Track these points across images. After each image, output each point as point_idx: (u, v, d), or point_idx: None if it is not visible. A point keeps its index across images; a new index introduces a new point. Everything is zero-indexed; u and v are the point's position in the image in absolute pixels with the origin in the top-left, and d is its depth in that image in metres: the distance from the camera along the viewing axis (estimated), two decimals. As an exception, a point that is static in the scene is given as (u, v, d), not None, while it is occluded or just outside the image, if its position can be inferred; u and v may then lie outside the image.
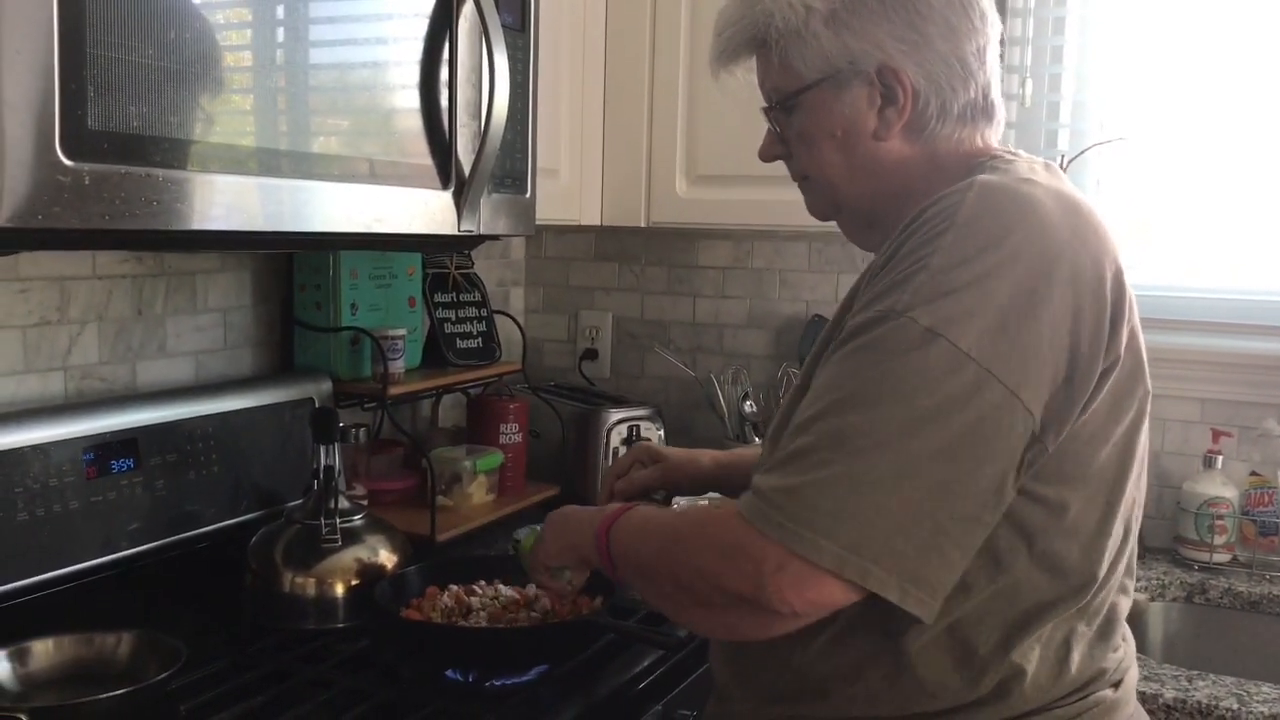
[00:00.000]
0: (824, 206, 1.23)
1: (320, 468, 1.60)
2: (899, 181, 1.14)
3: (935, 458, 0.94)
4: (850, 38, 1.10)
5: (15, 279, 1.50)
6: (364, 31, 1.36)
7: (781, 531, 0.95)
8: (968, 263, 0.97)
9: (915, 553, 0.94)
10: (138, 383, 1.68)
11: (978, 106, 1.14)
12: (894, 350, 0.96)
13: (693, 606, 1.07)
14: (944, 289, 0.96)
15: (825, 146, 1.16)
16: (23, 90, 0.94)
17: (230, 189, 1.15)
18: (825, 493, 0.95)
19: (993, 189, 1.03)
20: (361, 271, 1.93)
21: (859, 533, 0.94)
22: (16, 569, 1.40)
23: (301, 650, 1.49)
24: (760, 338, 2.44)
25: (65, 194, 0.98)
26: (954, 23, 1.11)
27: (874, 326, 0.98)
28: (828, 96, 1.13)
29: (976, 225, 0.99)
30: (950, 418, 0.94)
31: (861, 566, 0.94)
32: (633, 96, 2.13)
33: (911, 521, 0.94)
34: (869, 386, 0.96)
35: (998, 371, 0.94)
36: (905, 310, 0.96)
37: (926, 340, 0.95)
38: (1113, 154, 2.15)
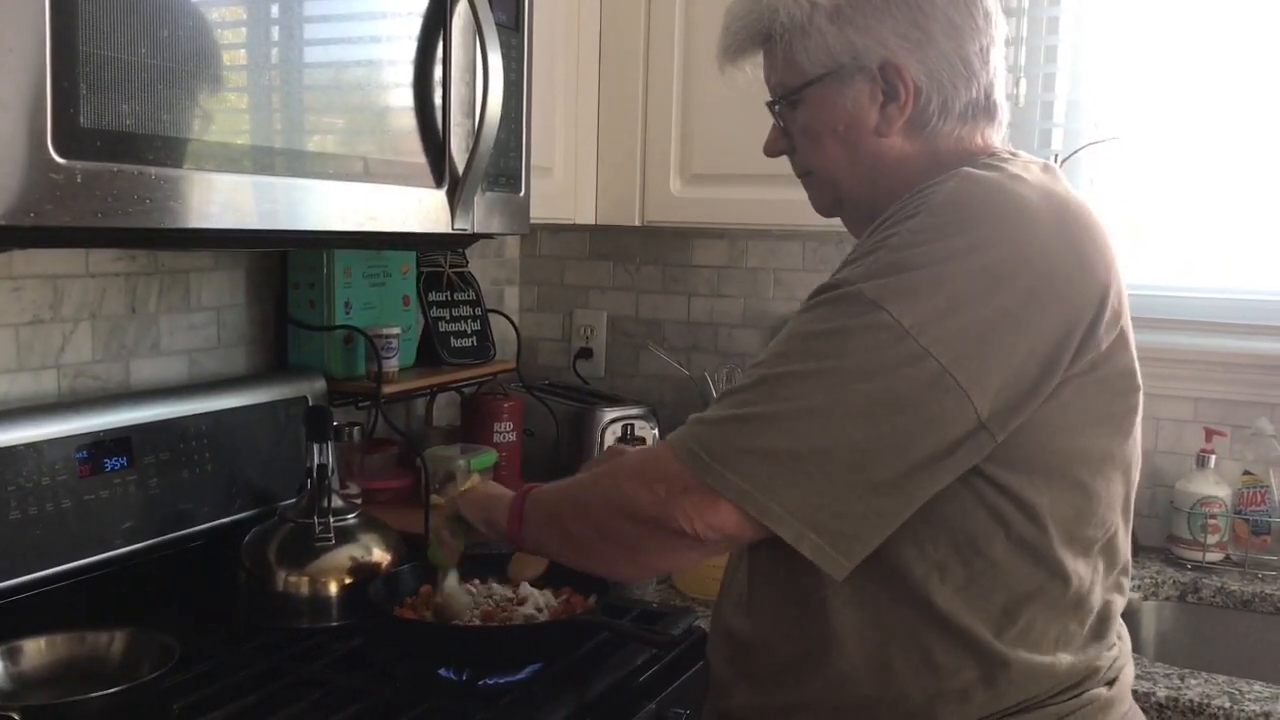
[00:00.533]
0: (827, 202, 1.24)
1: (314, 466, 1.60)
2: (900, 178, 1.15)
3: (854, 416, 0.98)
4: (854, 33, 1.12)
5: (8, 277, 1.49)
6: (358, 30, 1.36)
7: (693, 459, 1.02)
8: (929, 244, 1.00)
9: (819, 501, 0.98)
10: (131, 381, 1.68)
11: (979, 106, 1.15)
12: (837, 314, 1.01)
13: (603, 543, 1.12)
14: (898, 266, 1.00)
15: (828, 141, 1.18)
16: (15, 88, 0.94)
17: (223, 187, 1.15)
18: (743, 430, 1.00)
19: (975, 180, 1.05)
20: (355, 270, 1.93)
21: (765, 472, 0.99)
22: (9, 567, 1.39)
23: (295, 649, 1.48)
24: (755, 337, 2.44)
25: (58, 192, 0.98)
26: (958, 22, 1.12)
27: (825, 293, 1.04)
28: (831, 92, 1.15)
29: (946, 211, 1.02)
30: (874, 382, 0.97)
31: (761, 504, 0.99)
32: (627, 95, 2.13)
33: (820, 471, 0.98)
34: (806, 344, 1.02)
35: (935, 351, 0.97)
36: (857, 281, 1.01)
37: (868, 310, 0.99)
38: (1107, 153, 2.15)
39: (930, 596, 1.06)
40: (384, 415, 1.97)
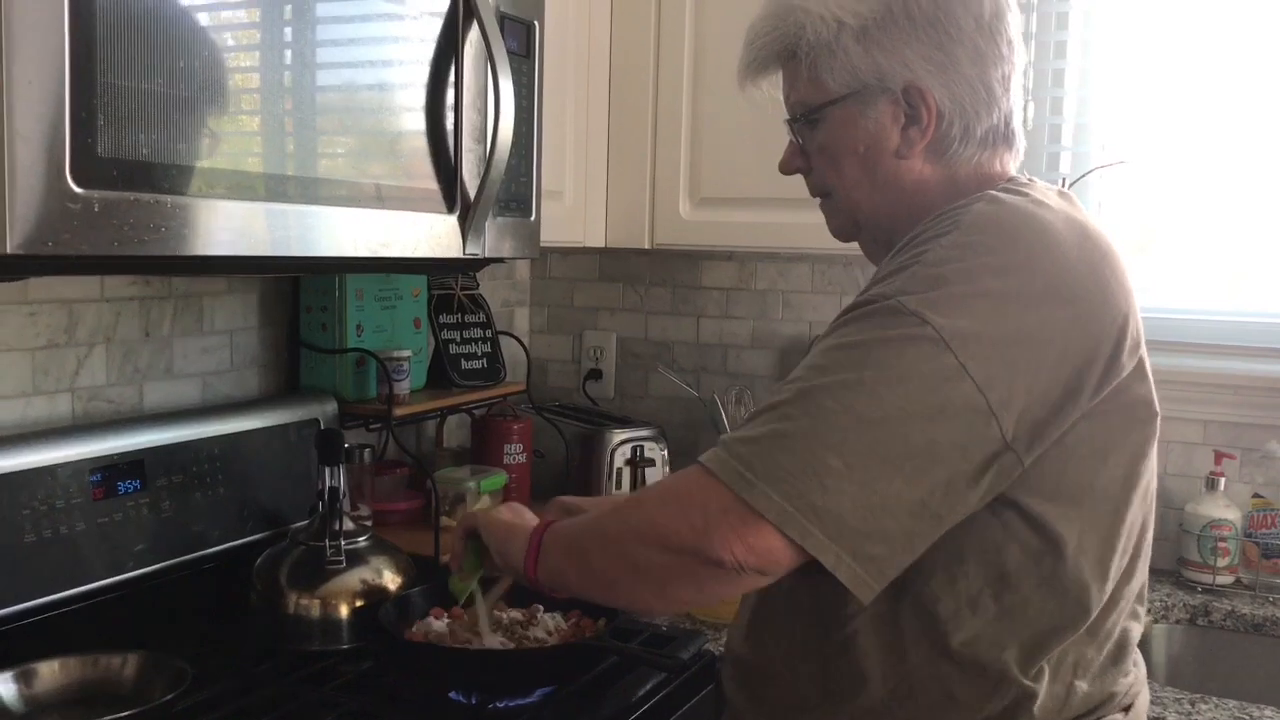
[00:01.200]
0: (845, 225, 1.24)
1: (325, 489, 1.60)
2: (919, 201, 1.15)
3: (894, 434, 0.96)
4: (880, 55, 1.12)
5: (24, 302, 1.51)
6: (370, 57, 1.37)
7: (735, 478, 0.97)
8: (964, 260, 1.00)
9: (861, 527, 0.96)
10: (145, 404, 1.69)
11: (999, 132, 1.15)
12: (877, 326, 0.99)
13: (626, 575, 1.08)
14: (936, 280, 0.99)
15: (847, 162, 1.17)
16: (34, 119, 0.95)
17: (237, 214, 1.17)
18: (782, 446, 0.97)
19: (1003, 203, 1.06)
20: (367, 293, 1.94)
21: (808, 492, 0.95)
22: (24, 590, 1.40)
23: (306, 671, 1.49)
24: (764, 358, 2.44)
25: (75, 221, 0.99)
26: (983, 49, 1.12)
27: (863, 308, 1.02)
28: (853, 112, 1.15)
29: (980, 230, 1.02)
30: (913, 395, 0.96)
31: (802, 526, 0.95)
32: (637, 120, 2.15)
33: (860, 490, 0.95)
34: (847, 356, 0.99)
35: (972, 369, 0.96)
36: (895, 294, 0.99)
37: (911, 323, 0.97)
38: (1115, 176, 2.16)
39: (959, 631, 1.05)
40: (395, 437, 1.98)
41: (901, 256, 1.04)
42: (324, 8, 1.28)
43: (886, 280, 1.02)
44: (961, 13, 1.11)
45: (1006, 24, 1.14)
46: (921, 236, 1.05)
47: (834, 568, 0.96)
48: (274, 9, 1.22)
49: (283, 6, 1.23)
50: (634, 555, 1.05)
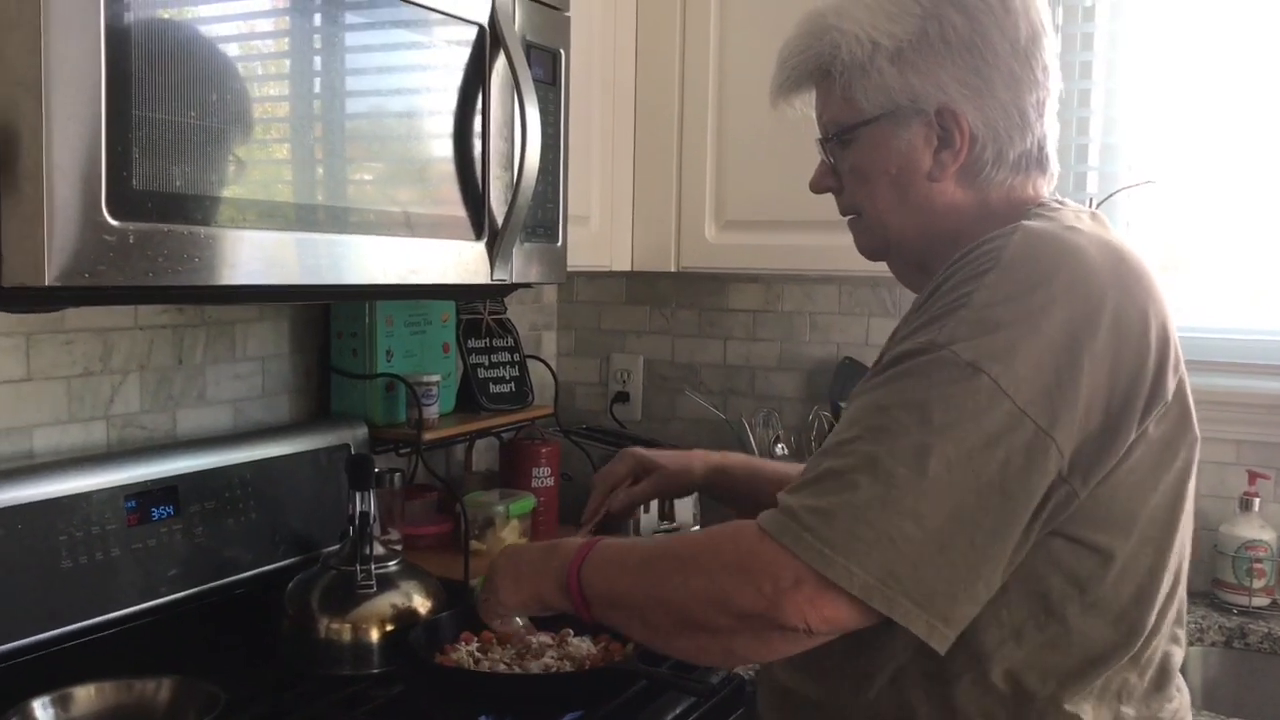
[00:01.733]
0: (874, 244, 1.23)
1: (355, 514, 1.62)
2: (949, 225, 1.15)
3: (968, 492, 0.94)
4: (914, 76, 1.11)
5: (60, 331, 1.53)
6: (398, 86, 1.39)
7: (812, 553, 0.95)
8: (1011, 301, 0.98)
9: (944, 587, 0.95)
10: (178, 431, 1.71)
11: (1032, 157, 1.15)
12: (935, 381, 0.97)
13: (688, 632, 1.05)
14: (987, 325, 0.97)
15: (879, 183, 1.17)
16: (72, 155, 0.97)
17: (269, 244, 1.18)
18: (858, 517, 0.94)
19: (1037, 233, 1.04)
20: (396, 319, 1.96)
21: (890, 562, 0.94)
22: (61, 615, 1.42)
23: (337, 696, 1.50)
24: (791, 380, 2.44)
25: (110, 253, 1.01)
26: (1018, 73, 1.12)
27: (915, 356, 0.99)
28: (886, 133, 1.14)
29: (1021, 266, 1.00)
30: (985, 454, 0.95)
31: (889, 597, 0.94)
32: (662, 144, 2.16)
33: (940, 554, 0.94)
34: (908, 415, 0.96)
35: (1033, 412, 0.95)
36: (948, 343, 0.97)
37: (968, 375, 0.95)
38: (1142, 196, 2.15)
39: (1004, 661, 1.04)
40: (424, 462, 2.00)
41: (946, 297, 1.02)
42: (352, 38, 1.30)
43: (935, 325, 1.00)
44: (998, 37, 1.10)
45: (1042, 49, 1.13)
46: (961, 273, 1.03)
47: (927, 636, 0.95)
48: (303, 40, 1.24)
49: (312, 37, 1.25)
50: (699, 617, 1.03)
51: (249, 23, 1.18)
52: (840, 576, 0.94)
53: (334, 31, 1.27)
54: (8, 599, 1.37)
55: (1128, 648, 1.07)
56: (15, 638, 1.37)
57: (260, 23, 1.20)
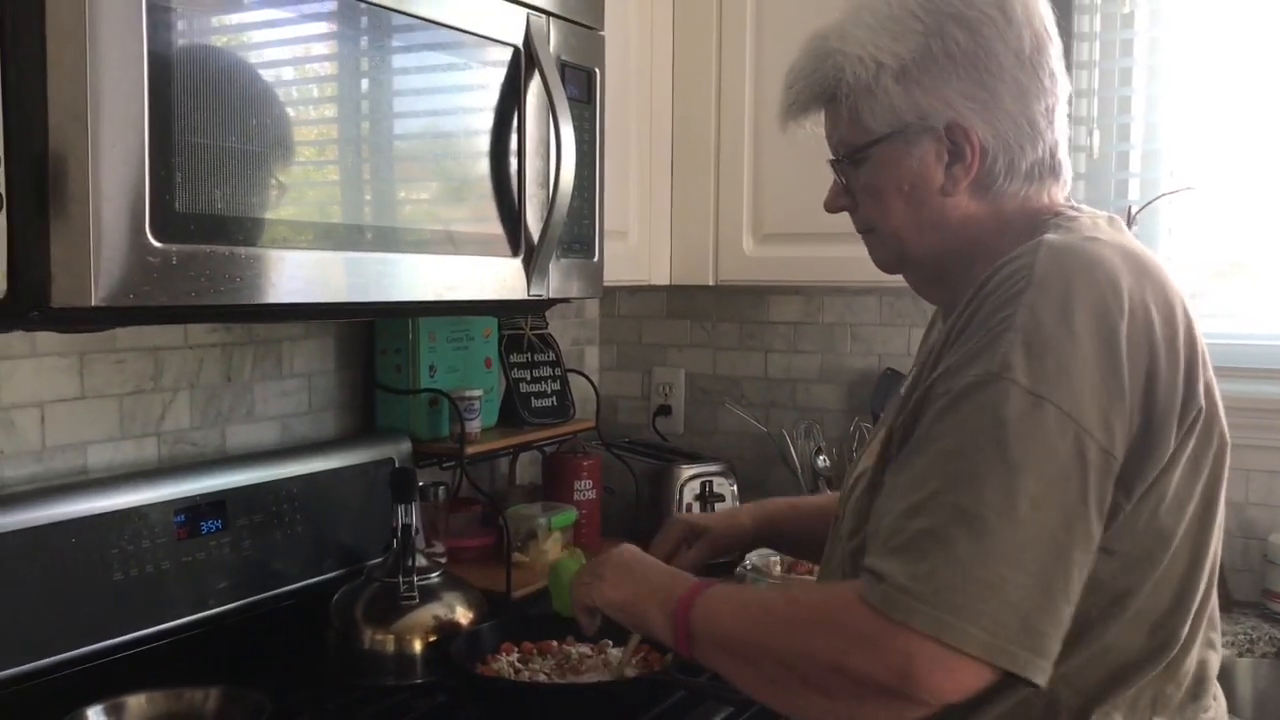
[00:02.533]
0: (890, 259, 1.23)
1: (399, 526, 1.64)
2: (966, 238, 1.15)
3: (1056, 526, 0.94)
4: (920, 94, 1.11)
5: (112, 350, 1.58)
6: (435, 106, 1.42)
7: (927, 621, 0.93)
8: (1054, 321, 0.98)
9: (1050, 628, 0.95)
10: (227, 446, 1.75)
11: (1045, 165, 1.14)
12: (1002, 417, 0.95)
13: (806, 692, 1.04)
14: (1036, 348, 0.97)
15: (892, 200, 1.17)
16: (116, 179, 1.01)
17: (308, 263, 1.22)
18: (960, 575, 0.93)
19: (1061, 247, 1.04)
20: (439, 335, 1.99)
21: (1001, 615, 0.93)
22: (113, 626, 1.46)
23: (381, 706, 1.52)
24: (833, 392, 2.45)
25: (155, 274, 1.05)
26: (1024, 83, 1.11)
27: (975, 392, 0.98)
28: (896, 151, 1.14)
29: (1054, 283, 1.00)
30: (1065, 485, 0.95)
31: (1008, 652, 0.93)
32: (699, 158, 2.18)
33: (1043, 595, 0.94)
34: (984, 457, 0.95)
35: (1098, 434, 0.96)
36: (1003, 372, 0.96)
37: (1033, 404, 0.95)
38: (1184, 202, 2.13)
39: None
40: (467, 475, 2.02)
41: (987, 323, 1.00)
42: (389, 60, 1.33)
43: (986, 353, 0.98)
44: (1001, 49, 1.10)
45: (1048, 56, 1.13)
46: (997, 296, 1.02)
47: (1038, 677, 0.95)
48: (342, 64, 1.27)
49: (350, 61, 1.28)
50: (822, 682, 1.01)
51: (288, 49, 1.21)
52: (960, 639, 0.92)
53: (371, 55, 1.30)
54: (62, 610, 1.41)
55: (1162, 657, 1.06)
56: (70, 648, 1.41)
57: (299, 49, 1.23)
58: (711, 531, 1.53)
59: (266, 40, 1.18)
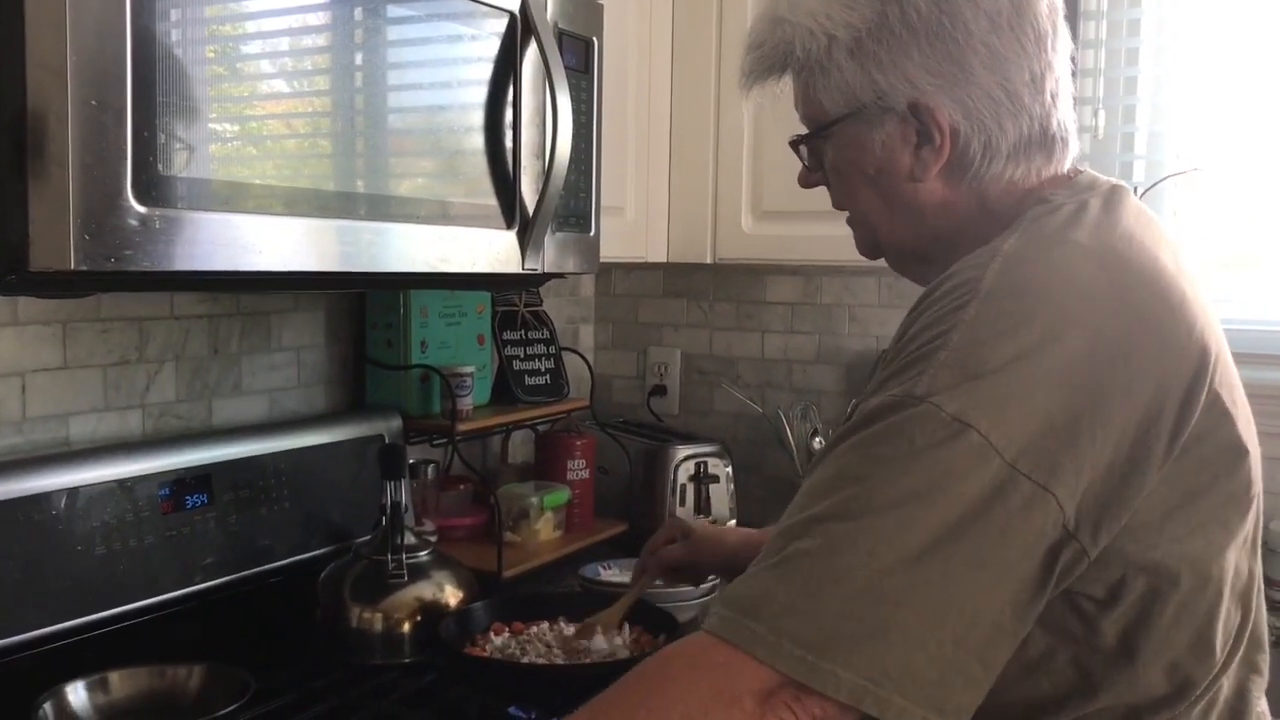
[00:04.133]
0: (867, 243, 1.14)
1: (388, 504, 1.62)
2: (945, 225, 1.04)
3: (960, 568, 0.82)
4: (876, 71, 1.00)
5: (96, 319, 1.55)
6: (428, 74, 1.39)
7: (791, 663, 0.81)
8: (997, 340, 0.86)
9: (938, 676, 0.82)
10: (213, 420, 1.72)
11: (1033, 141, 1.01)
12: (916, 444, 0.83)
13: None
14: (970, 370, 0.84)
15: (859, 185, 1.07)
16: (97, 140, 0.97)
17: (297, 230, 1.18)
18: (841, 613, 0.81)
19: (1019, 257, 0.92)
20: (431, 310, 1.96)
21: (878, 659, 0.81)
22: (96, 601, 1.43)
23: (368, 685, 1.50)
24: (830, 373, 2.42)
25: (137, 238, 1.01)
26: (1001, 50, 0.98)
27: (890, 413, 0.86)
28: (857, 133, 1.03)
29: (1003, 298, 0.88)
30: (978, 524, 0.82)
31: (881, 697, 0.81)
32: (698, 134, 2.14)
33: (934, 642, 0.82)
34: (886, 486, 0.83)
35: (1026, 467, 0.82)
36: (927, 395, 0.84)
37: (955, 432, 0.83)
38: (1191, 184, 2.10)
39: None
40: (459, 453, 2.00)
41: (919, 338, 0.89)
42: (381, 24, 1.29)
43: (911, 372, 0.87)
44: (970, 13, 0.98)
45: (1036, 15, 1.00)
46: (935, 310, 0.90)
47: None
48: (333, 28, 1.24)
49: (341, 24, 1.25)
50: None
51: (280, 11, 1.18)
52: (826, 684, 0.80)
53: (365, 18, 1.27)
54: (43, 584, 1.38)
55: (1181, 699, 0.95)
56: (50, 623, 1.38)
57: (288, 11, 1.19)
58: (693, 537, 1.54)
59: (257, 2, 1.15)
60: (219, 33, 1.10)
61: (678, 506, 2.22)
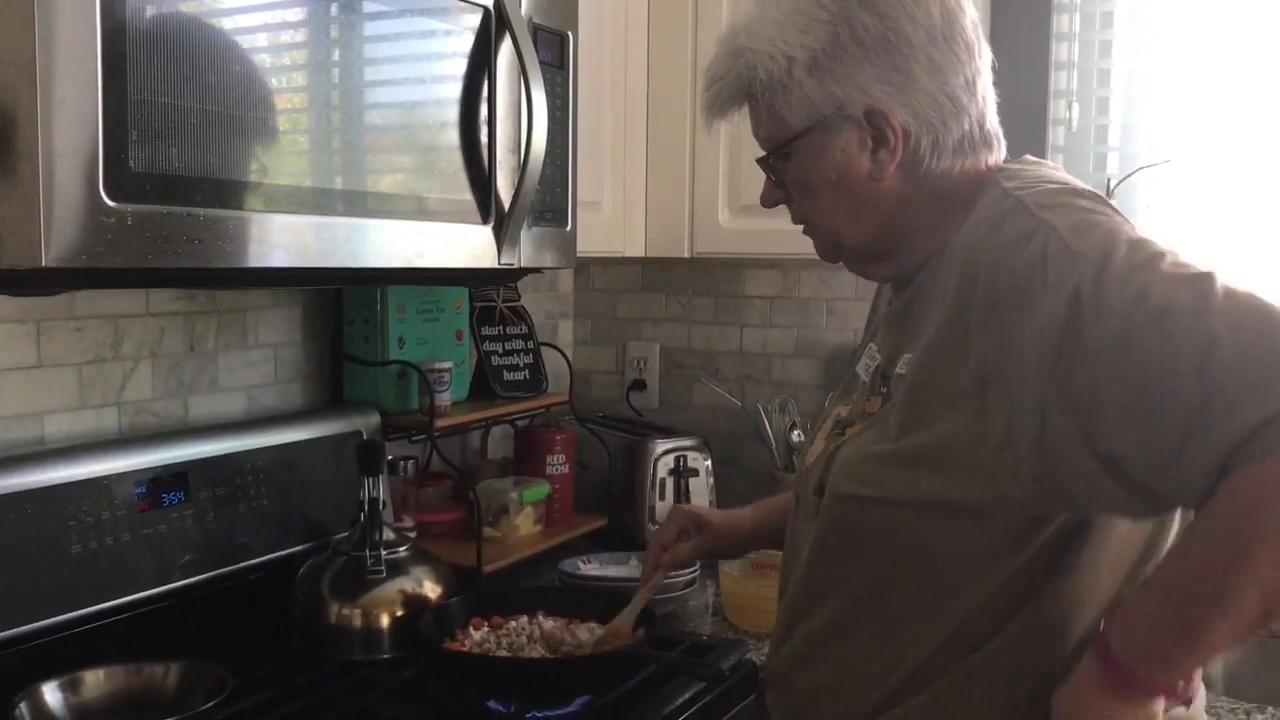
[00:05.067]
0: (827, 249, 1.24)
1: (366, 500, 1.62)
2: (903, 218, 1.16)
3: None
4: (834, 84, 1.11)
5: (70, 317, 1.54)
6: (404, 72, 1.39)
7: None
8: (1089, 209, 1.04)
9: None
10: (190, 418, 1.72)
11: (975, 138, 1.15)
12: (1144, 281, 0.95)
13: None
14: (1093, 227, 1.01)
15: (822, 192, 1.17)
16: (68, 136, 0.97)
17: (271, 226, 1.18)
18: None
19: (1024, 173, 1.12)
20: (409, 306, 1.96)
21: None
22: (71, 600, 1.43)
23: (347, 681, 1.50)
24: (808, 367, 2.43)
25: (109, 234, 1.01)
26: (938, 59, 1.11)
27: (1091, 293, 0.96)
28: (819, 143, 1.14)
29: (1062, 206, 1.05)
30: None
31: None
32: (675, 129, 2.14)
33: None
34: (1170, 312, 0.94)
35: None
36: (1107, 258, 0.97)
37: (1151, 256, 0.98)
38: (1163, 176, 2.12)
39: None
40: (437, 449, 1.99)
41: (1031, 279, 1.00)
42: (355, 19, 1.29)
43: (1062, 279, 0.98)
44: (910, 28, 1.10)
45: (962, 27, 1.13)
46: (1018, 257, 1.02)
47: None
48: (305, 23, 1.23)
49: (314, 19, 1.24)
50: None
51: (251, 6, 1.17)
52: None
53: (338, 13, 1.26)
54: (18, 583, 1.37)
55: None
56: (25, 622, 1.37)
57: (263, 7, 1.19)
58: (712, 529, 1.54)
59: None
60: (190, 30, 1.09)
61: (657, 501, 2.23)
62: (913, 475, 1.08)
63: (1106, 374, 0.95)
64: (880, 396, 1.18)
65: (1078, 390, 0.96)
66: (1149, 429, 0.94)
